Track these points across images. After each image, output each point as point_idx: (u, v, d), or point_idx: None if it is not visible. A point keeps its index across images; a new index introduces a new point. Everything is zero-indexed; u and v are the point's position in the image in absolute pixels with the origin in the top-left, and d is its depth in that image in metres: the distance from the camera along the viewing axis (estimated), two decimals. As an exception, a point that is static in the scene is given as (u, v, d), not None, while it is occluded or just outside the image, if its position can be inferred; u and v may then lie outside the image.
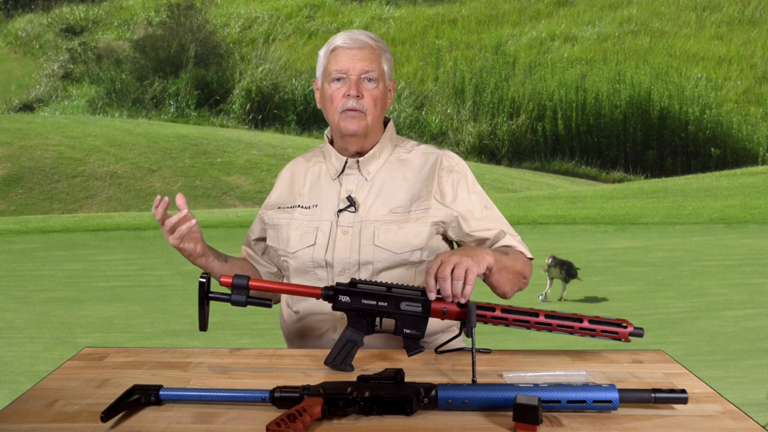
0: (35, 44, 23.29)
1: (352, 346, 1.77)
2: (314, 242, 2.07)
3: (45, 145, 15.59)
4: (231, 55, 21.83)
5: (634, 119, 18.96)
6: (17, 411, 1.54)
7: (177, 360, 1.86)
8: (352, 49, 2.06)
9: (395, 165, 2.12)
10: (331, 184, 2.12)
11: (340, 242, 2.06)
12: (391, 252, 2.04)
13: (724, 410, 1.55)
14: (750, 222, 11.47)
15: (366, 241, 2.04)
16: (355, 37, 2.08)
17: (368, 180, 2.10)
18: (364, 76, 2.05)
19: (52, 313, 7.27)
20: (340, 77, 2.06)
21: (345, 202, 2.08)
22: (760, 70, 19.98)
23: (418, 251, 2.05)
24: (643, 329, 1.77)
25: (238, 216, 12.09)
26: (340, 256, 2.05)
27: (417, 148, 2.17)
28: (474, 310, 1.72)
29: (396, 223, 2.05)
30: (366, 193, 2.09)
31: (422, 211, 2.07)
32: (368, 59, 2.06)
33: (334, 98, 2.07)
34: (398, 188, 2.09)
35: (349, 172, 2.11)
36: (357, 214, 2.07)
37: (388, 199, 2.08)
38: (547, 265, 7.66)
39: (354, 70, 2.05)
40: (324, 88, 2.10)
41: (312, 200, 2.13)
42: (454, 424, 1.47)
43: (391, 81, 2.15)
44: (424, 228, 2.06)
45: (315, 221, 2.09)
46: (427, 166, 2.12)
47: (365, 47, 2.07)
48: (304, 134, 19.48)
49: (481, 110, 19.49)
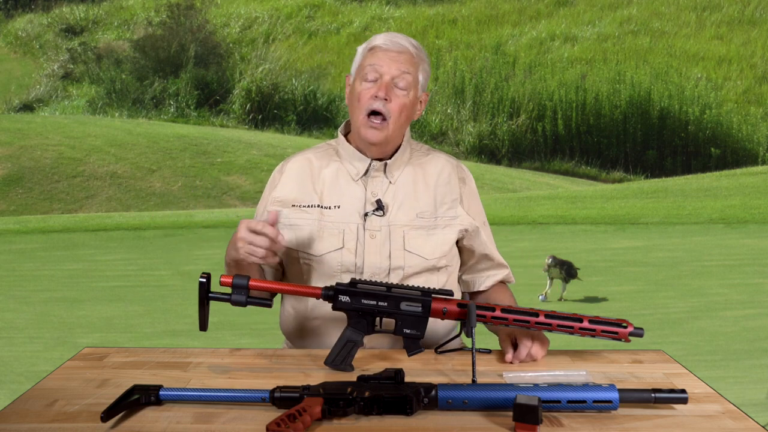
0: (35, 44, 23.28)
1: (352, 346, 1.77)
2: (342, 246, 2.02)
3: (45, 145, 15.58)
4: (231, 55, 21.81)
5: (634, 119, 18.95)
6: (17, 411, 1.54)
7: (177, 360, 1.86)
8: (391, 51, 2.00)
9: (416, 169, 2.10)
10: (353, 185, 2.06)
11: (369, 246, 2.02)
12: (422, 258, 2.03)
13: (724, 410, 1.55)
14: (750, 222, 11.47)
15: (396, 245, 2.02)
16: (396, 40, 2.02)
17: (393, 183, 2.07)
18: (396, 80, 2.00)
19: (52, 313, 7.27)
20: (373, 77, 2.00)
21: (373, 205, 2.04)
22: (760, 70, 19.96)
23: (444, 257, 2.06)
24: (643, 329, 1.77)
25: (238, 216, 12.08)
26: (370, 260, 2.01)
27: (432, 153, 2.15)
28: (474, 310, 1.72)
29: (424, 229, 2.04)
30: (392, 196, 2.06)
31: (450, 218, 2.06)
32: (405, 64, 2.00)
33: (362, 97, 2.01)
34: (422, 193, 2.07)
35: (374, 174, 2.06)
36: (384, 218, 2.03)
37: (413, 203, 2.06)
38: (547, 265, 7.67)
39: (388, 72, 1.99)
40: (354, 85, 2.04)
41: (333, 201, 2.05)
42: (454, 424, 1.47)
43: (424, 93, 2.10)
44: (452, 234, 2.06)
45: (340, 224, 2.03)
46: (446, 172, 2.11)
47: (404, 52, 2.01)
48: (304, 134, 19.46)
49: (481, 110, 19.48)
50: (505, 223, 10.66)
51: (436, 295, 1.78)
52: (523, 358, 1.83)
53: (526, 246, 9.77)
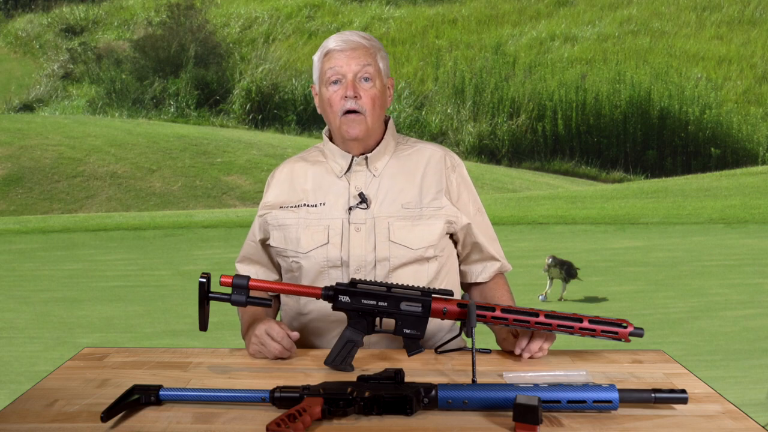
0: (35, 44, 23.27)
1: (352, 346, 1.77)
2: (327, 241, 2.04)
3: (45, 145, 15.58)
4: (231, 55, 21.81)
5: (634, 119, 18.95)
6: (17, 411, 1.54)
7: (177, 360, 1.86)
8: (345, 50, 2.05)
9: (400, 161, 2.12)
10: (338, 181, 2.09)
11: (354, 240, 2.03)
12: (408, 248, 2.03)
13: (724, 410, 1.55)
14: (750, 222, 11.47)
15: (381, 237, 2.03)
16: (347, 38, 2.07)
17: (376, 176, 2.09)
18: (360, 76, 2.04)
19: (52, 313, 7.27)
20: (336, 79, 2.05)
21: (356, 199, 2.05)
22: (760, 70, 19.96)
23: (432, 247, 2.05)
24: (643, 329, 1.77)
25: (238, 216, 12.08)
26: (355, 253, 2.03)
27: (419, 145, 2.17)
28: (474, 310, 1.72)
29: (410, 219, 2.05)
30: (376, 189, 2.07)
31: (435, 208, 2.07)
32: (363, 58, 2.04)
33: (332, 102, 2.05)
34: (407, 184, 2.08)
35: (357, 168, 2.09)
36: (369, 210, 2.05)
37: (398, 194, 2.07)
38: (547, 265, 7.67)
39: (349, 71, 2.04)
40: (322, 92, 2.09)
41: (318, 198, 2.09)
42: (454, 424, 1.47)
43: (389, 78, 2.14)
44: (438, 224, 2.06)
45: (325, 219, 2.06)
46: (432, 163, 2.12)
47: (358, 47, 2.05)
48: (304, 134, 19.46)
49: (481, 110, 19.48)
50: (505, 223, 10.65)
51: (436, 295, 1.78)
52: (533, 351, 1.86)
53: (526, 246, 9.77)
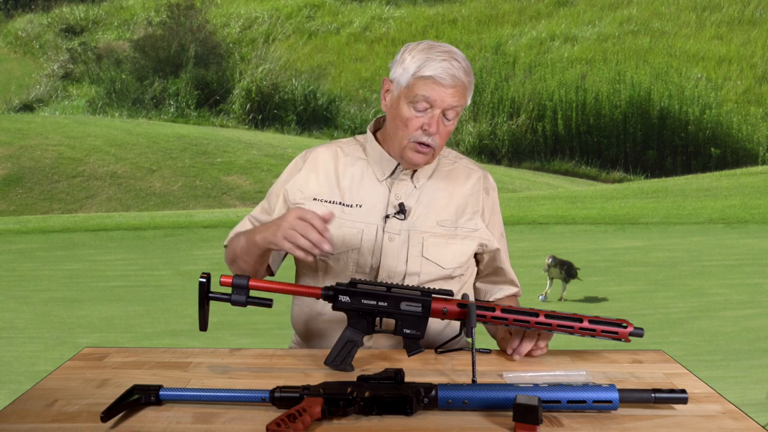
0: (35, 44, 23.27)
1: (352, 346, 1.77)
2: (359, 245, 2.00)
3: (45, 145, 15.58)
4: (231, 55, 21.81)
5: (634, 119, 18.95)
6: (17, 411, 1.54)
7: (177, 360, 1.86)
8: (447, 87, 1.94)
9: (442, 176, 2.09)
10: (378, 186, 2.04)
11: (387, 249, 2.00)
12: (439, 266, 2.01)
13: (724, 410, 1.55)
14: (750, 222, 11.46)
15: (414, 251, 2.00)
16: (453, 73, 1.93)
17: (417, 188, 2.05)
18: (447, 113, 1.97)
19: (52, 313, 7.26)
20: (424, 108, 1.96)
21: (395, 208, 2.02)
22: (760, 70, 19.96)
23: (460, 267, 2.05)
24: (643, 329, 1.77)
25: (238, 216, 12.08)
26: (387, 263, 2.00)
27: (460, 161, 2.14)
28: (474, 310, 1.72)
29: (444, 237, 2.02)
30: (415, 201, 2.04)
31: (470, 230, 2.05)
32: (457, 98, 1.96)
33: (409, 124, 1.97)
34: (445, 200, 2.06)
35: (401, 177, 2.04)
36: (405, 222, 2.01)
37: (436, 210, 2.04)
38: (547, 265, 7.67)
39: (440, 106, 1.95)
40: (401, 104, 1.98)
41: (355, 199, 2.03)
42: (454, 424, 1.47)
43: None
44: (471, 246, 2.05)
45: (359, 223, 2.01)
46: (471, 182, 2.10)
47: (458, 85, 1.95)
48: (304, 134, 19.46)
49: (481, 110, 19.48)
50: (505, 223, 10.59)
51: (436, 295, 1.78)
52: (522, 353, 1.86)
53: (526, 246, 9.77)
